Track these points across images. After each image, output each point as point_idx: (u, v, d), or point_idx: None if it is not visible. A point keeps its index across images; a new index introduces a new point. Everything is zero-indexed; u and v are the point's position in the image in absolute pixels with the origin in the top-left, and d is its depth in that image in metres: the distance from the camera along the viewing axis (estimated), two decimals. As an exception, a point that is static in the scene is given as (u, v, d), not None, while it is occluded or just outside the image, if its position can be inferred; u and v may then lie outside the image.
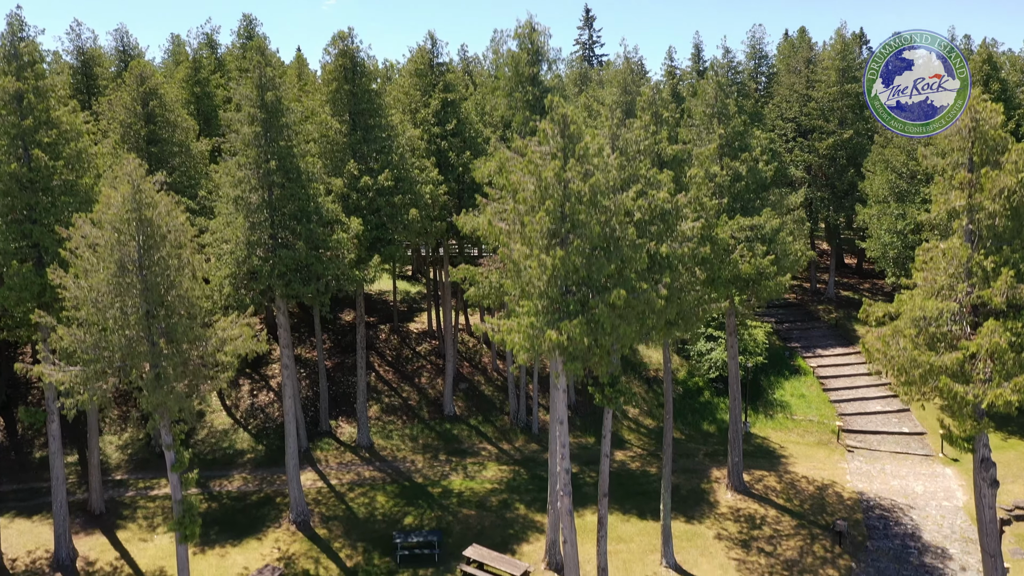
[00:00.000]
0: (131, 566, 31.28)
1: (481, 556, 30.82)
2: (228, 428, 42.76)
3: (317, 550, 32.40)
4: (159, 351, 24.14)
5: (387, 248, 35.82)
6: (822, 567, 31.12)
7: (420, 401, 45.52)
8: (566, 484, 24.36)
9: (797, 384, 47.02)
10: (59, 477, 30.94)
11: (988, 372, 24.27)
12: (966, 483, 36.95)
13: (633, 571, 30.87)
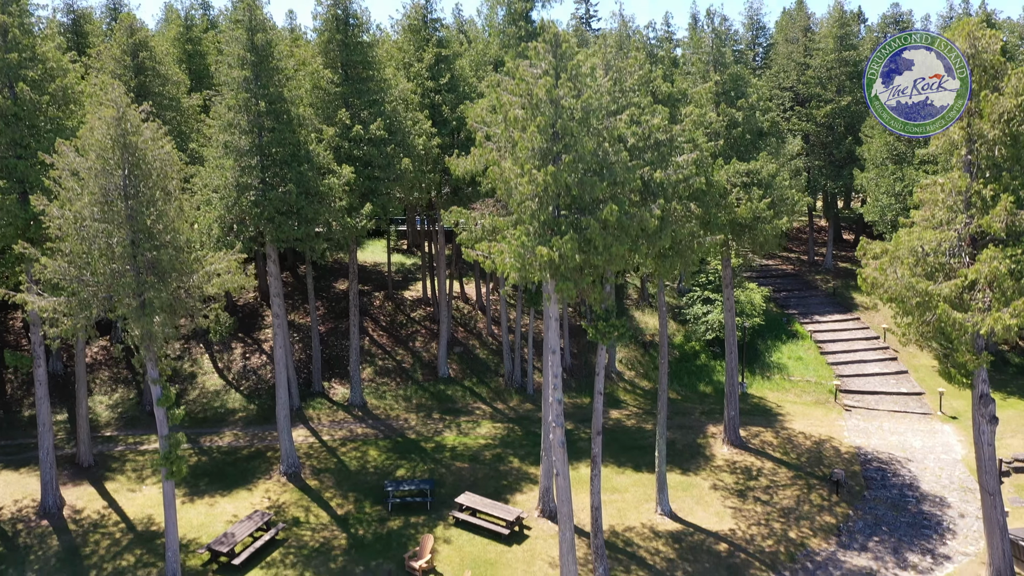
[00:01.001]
0: (119, 514, 30.82)
1: (473, 503, 30.40)
2: (220, 389, 42.30)
3: (308, 499, 31.97)
4: (144, 280, 23.72)
5: (379, 198, 35.38)
6: (819, 514, 30.72)
7: (414, 364, 45.09)
8: (558, 415, 23.93)
9: (794, 347, 46.63)
10: (46, 424, 30.49)
11: (987, 301, 23.89)
12: (965, 438, 36.57)
13: (628, 519, 30.45)
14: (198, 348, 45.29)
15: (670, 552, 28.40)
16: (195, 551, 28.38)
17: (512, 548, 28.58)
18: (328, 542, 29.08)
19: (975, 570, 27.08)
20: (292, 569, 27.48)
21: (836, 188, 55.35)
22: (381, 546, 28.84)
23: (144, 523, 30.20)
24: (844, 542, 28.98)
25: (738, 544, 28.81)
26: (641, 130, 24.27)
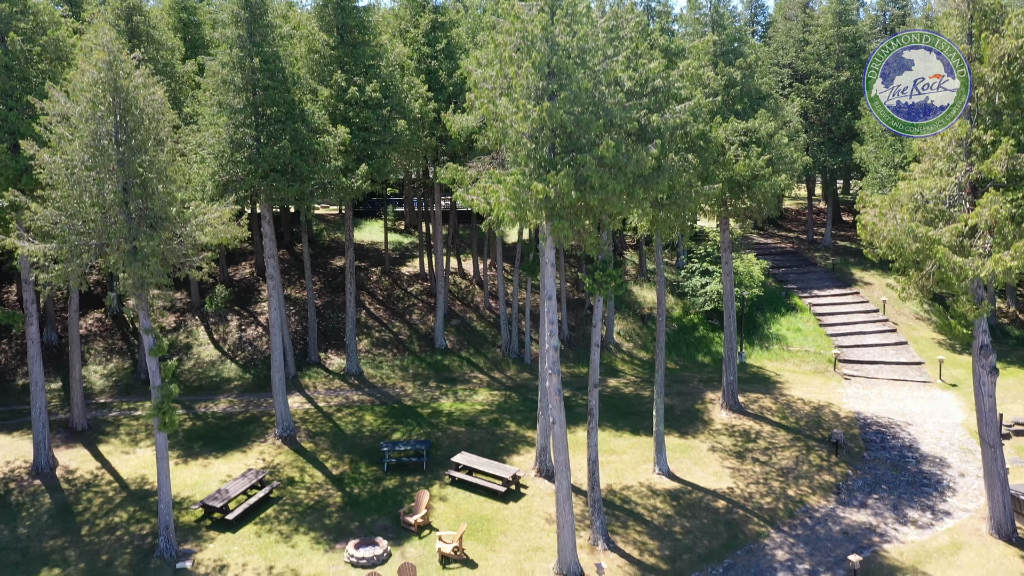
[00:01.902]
0: (112, 474, 30.56)
1: (470, 462, 30.15)
2: (215, 359, 42.03)
3: (303, 460, 31.71)
4: (136, 227, 23.46)
5: (375, 161, 35.09)
6: (818, 473, 30.48)
7: (411, 335, 44.82)
8: (555, 362, 23.67)
9: (793, 319, 46.38)
10: (38, 383, 30.20)
11: (988, 247, 23.66)
12: (964, 404, 36.33)
13: (625, 478, 30.20)
14: (194, 320, 45.02)
15: (668, 509, 28.15)
16: (188, 508, 28.12)
17: (508, 505, 28.33)
18: (323, 500, 28.82)
19: (975, 524, 26.85)
20: (287, 525, 27.22)
21: (835, 164, 55.08)
22: (376, 503, 28.59)
23: (138, 482, 29.94)
24: (843, 499, 28.74)
25: (736, 501, 28.57)
26: (638, 75, 24.01)
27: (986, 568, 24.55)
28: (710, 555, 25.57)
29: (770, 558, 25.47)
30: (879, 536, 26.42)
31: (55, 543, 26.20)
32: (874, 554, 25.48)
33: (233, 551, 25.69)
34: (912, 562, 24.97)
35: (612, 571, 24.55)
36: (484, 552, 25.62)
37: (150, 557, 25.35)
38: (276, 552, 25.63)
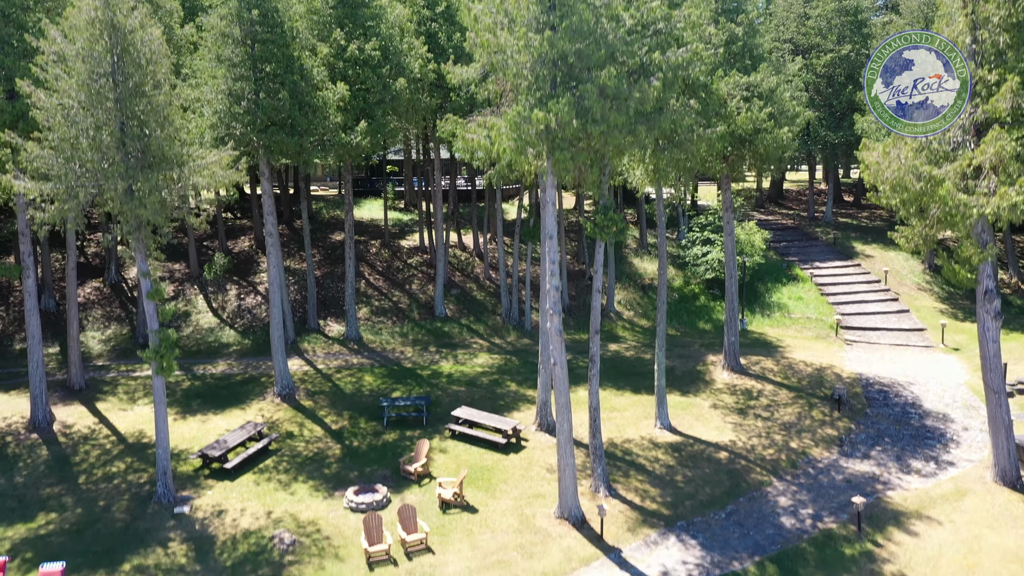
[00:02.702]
0: (109, 429, 30.35)
1: (470, 415, 29.96)
2: (214, 326, 41.85)
3: (302, 416, 31.50)
4: (133, 166, 23.25)
5: (374, 121, 34.86)
6: (820, 428, 30.29)
7: (410, 304, 44.63)
8: (555, 303, 23.46)
9: (794, 289, 46.17)
10: (35, 337, 29.97)
11: (992, 187, 23.45)
12: (968, 366, 36.13)
13: (626, 433, 30.00)
14: (192, 289, 44.82)
15: (669, 460, 27.95)
16: (186, 459, 27.93)
17: (509, 457, 28.12)
18: (322, 452, 28.62)
19: (980, 473, 26.64)
20: (285, 474, 27.01)
21: (836, 139, 54.84)
22: (376, 455, 28.39)
23: (135, 436, 29.73)
24: (846, 451, 28.54)
25: (738, 453, 28.37)
26: (640, 14, 23.78)
27: (991, 512, 24.35)
28: (712, 502, 25.37)
29: (773, 504, 25.28)
30: (882, 484, 26.22)
31: (52, 491, 26.00)
32: (878, 500, 25.29)
33: (231, 497, 25.48)
34: (916, 507, 24.77)
35: (614, 516, 24.34)
36: (484, 498, 25.42)
37: (148, 503, 25.14)
38: (275, 499, 25.43)
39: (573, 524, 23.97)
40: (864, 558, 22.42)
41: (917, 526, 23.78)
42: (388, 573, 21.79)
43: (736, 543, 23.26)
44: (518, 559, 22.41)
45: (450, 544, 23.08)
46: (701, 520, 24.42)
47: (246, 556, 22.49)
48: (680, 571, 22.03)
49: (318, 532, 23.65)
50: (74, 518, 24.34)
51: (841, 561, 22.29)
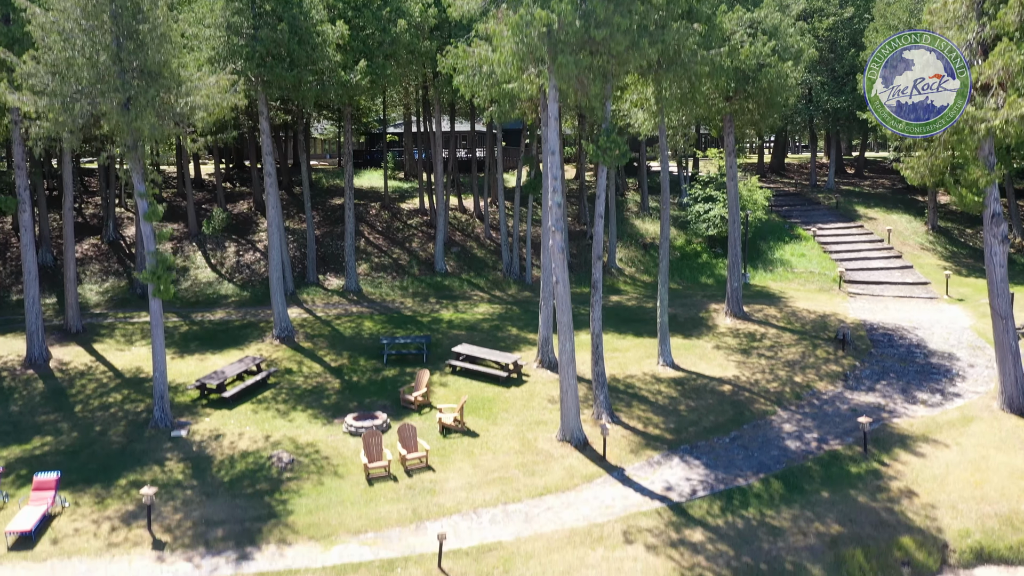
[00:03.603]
0: (106, 366, 30.04)
1: (471, 351, 29.66)
2: (212, 280, 41.54)
3: (301, 356, 31.19)
4: (129, 79, 22.91)
5: (373, 64, 34.51)
6: (824, 364, 29.98)
7: (410, 261, 44.32)
8: (558, 220, 23.14)
9: (797, 247, 45.86)
10: (31, 272, 29.65)
11: (1000, 103, 23.14)
12: (973, 313, 35.79)
13: (629, 370, 29.68)
14: (191, 247, 44.53)
15: (672, 392, 27.65)
16: (184, 391, 27.62)
17: (510, 390, 27.82)
18: (321, 385, 28.32)
19: (986, 403, 26.33)
20: (284, 404, 26.71)
21: (839, 103, 54.49)
22: (376, 389, 28.08)
23: (132, 372, 29.42)
24: (851, 385, 28.24)
25: (742, 386, 28.07)
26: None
27: (998, 436, 24.05)
28: (716, 428, 25.06)
29: (777, 430, 24.97)
30: (888, 413, 25.92)
31: (47, 418, 25.70)
32: (883, 426, 24.98)
33: (229, 423, 25.18)
34: (922, 432, 24.47)
35: (616, 440, 24.03)
36: (485, 425, 25.12)
37: (144, 428, 24.84)
38: (273, 425, 25.12)
39: (575, 446, 23.66)
40: (870, 475, 22.12)
41: (923, 448, 23.48)
42: (388, 488, 21.49)
43: (740, 463, 22.97)
44: (519, 476, 22.10)
45: (451, 463, 22.78)
46: (705, 444, 24.13)
47: (244, 473, 22.19)
48: (684, 487, 21.73)
49: (317, 453, 23.35)
50: (69, 441, 24.04)
51: (847, 478, 21.98)
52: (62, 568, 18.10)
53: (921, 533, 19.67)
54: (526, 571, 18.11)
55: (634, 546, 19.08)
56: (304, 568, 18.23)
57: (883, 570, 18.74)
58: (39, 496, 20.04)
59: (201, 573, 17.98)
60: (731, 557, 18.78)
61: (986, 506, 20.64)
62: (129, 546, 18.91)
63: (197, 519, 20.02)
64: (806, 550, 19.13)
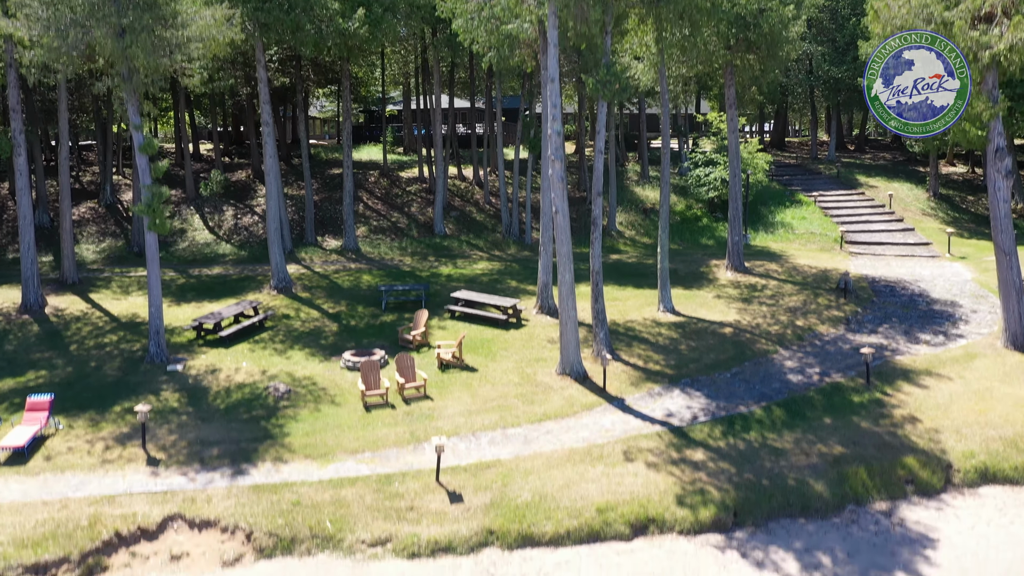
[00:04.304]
0: (102, 312, 29.81)
1: (470, 296, 29.43)
2: (210, 241, 41.32)
3: (298, 304, 30.96)
4: (124, 5, 22.66)
5: (372, 14, 34.22)
6: (826, 310, 29.74)
7: (409, 224, 44.08)
8: (557, 148, 22.91)
9: (798, 211, 45.62)
10: (27, 217, 29.39)
11: (1004, 31, 22.91)
12: (975, 269, 35.53)
13: (630, 316, 29.43)
14: (189, 210, 44.30)
15: (673, 334, 27.41)
16: (180, 332, 27.39)
17: (509, 332, 27.58)
18: (319, 328, 28.09)
19: (990, 342, 26.11)
20: (281, 344, 26.49)
21: (840, 73, 54.19)
22: (374, 332, 27.85)
23: (128, 317, 29.19)
24: (853, 328, 28.01)
25: (743, 329, 27.83)
26: None
27: (1002, 370, 23.82)
28: (716, 365, 24.83)
29: (779, 366, 24.75)
30: (891, 352, 25.69)
31: (42, 355, 25.48)
32: (886, 362, 24.76)
33: (226, 360, 24.95)
34: (925, 367, 24.24)
35: (616, 374, 23.80)
36: (484, 362, 24.89)
37: (140, 364, 24.61)
38: (270, 361, 24.90)
39: (575, 379, 23.44)
40: (873, 404, 21.90)
41: (927, 381, 23.25)
42: (385, 414, 21.27)
43: (742, 394, 22.75)
44: (518, 404, 21.88)
45: (449, 393, 22.55)
46: (706, 378, 23.90)
47: (239, 401, 21.96)
48: (685, 413, 21.52)
49: (314, 384, 23.14)
50: (64, 374, 23.81)
51: (849, 407, 21.76)
52: (55, 481, 17.88)
53: (925, 454, 19.44)
54: (525, 485, 17.90)
55: (634, 464, 18.86)
56: (300, 481, 18.01)
57: (887, 487, 18.52)
58: (32, 417, 19.82)
59: (196, 486, 17.76)
60: (732, 474, 18.55)
61: (990, 430, 20.41)
62: (123, 463, 18.68)
63: (192, 440, 19.80)
64: (808, 468, 18.90)
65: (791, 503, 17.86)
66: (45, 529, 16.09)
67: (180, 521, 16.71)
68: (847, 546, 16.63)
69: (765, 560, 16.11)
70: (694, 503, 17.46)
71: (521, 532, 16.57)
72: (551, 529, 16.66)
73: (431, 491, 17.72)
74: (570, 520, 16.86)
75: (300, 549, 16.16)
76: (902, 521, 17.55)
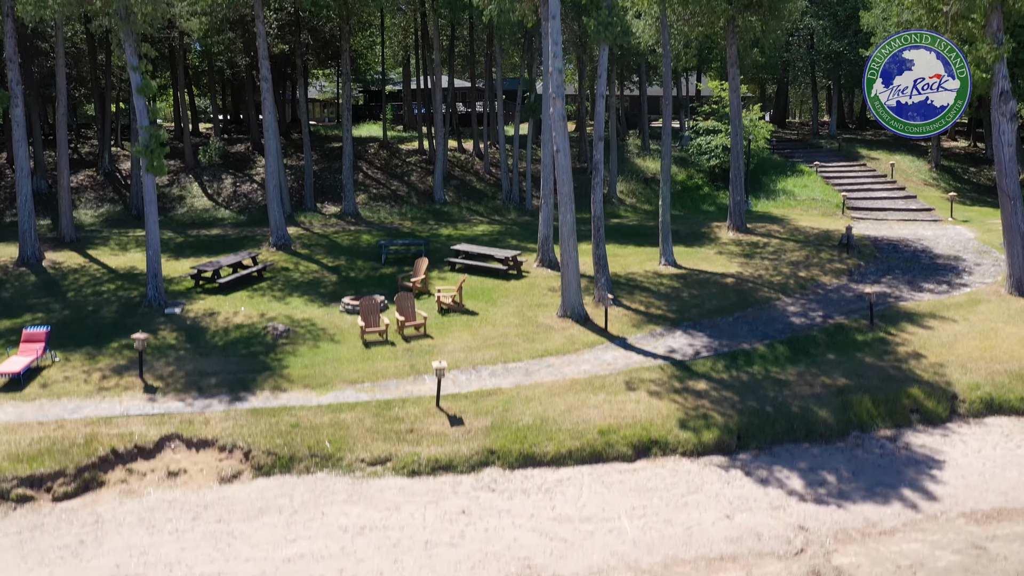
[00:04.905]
0: (100, 265, 29.60)
1: (470, 249, 29.23)
2: (209, 207, 41.08)
3: (297, 259, 30.74)
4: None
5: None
6: (829, 263, 29.55)
7: (409, 192, 43.86)
8: (558, 86, 22.68)
9: (799, 179, 45.40)
10: (23, 168, 29.13)
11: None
12: (978, 230, 35.32)
13: (631, 269, 29.22)
14: (188, 178, 44.06)
15: (675, 284, 27.22)
16: (179, 281, 27.19)
17: (510, 282, 27.38)
18: (318, 279, 27.90)
19: (995, 289, 25.91)
20: (280, 291, 26.29)
21: (841, 47, 53.95)
22: (373, 283, 27.64)
23: (127, 270, 28.98)
24: (856, 279, 27.82)
25: (745, 279, 27.64)
26: None
27: (1007, 313, 23.63)
28: (719, 310, 24.63)
29: (782, 311, 24.56)
30: (894, 299, 25.49)
31: (39, 301, 25.28)
32: (890, 307, 24.57)
33: (224, 305, 24.75)
34: (929, 310, 24.06)
35: (618, 317, 23.60)
36: (485, 307, 24.69)
37: (138, 308, 24.41)
38: (269, 306, 24.70)
39: (576, 320, 23.25)
40: (877, 342, 21.72)
41: (931, 323, 23.07)
42: (385, 350, 21.08)
43: (744, 334, 22.57)
44: (519, 342, 21.70)
45: (449, 333, 22.37)
46: (708, 322, 23.71)
47: (238, 339, 21.78)
48: (687, 350, 21.34)
49: (313, 325, 22.95)
50: (61, 317, 23.61)
51: (853, 345, 21.58)
52: (51, 406, 17.69)
53: (930, 386, 19.26)
54: (526, 410, 17.71)
55: (636, 392, 18.67)
56: (299, 406, 17.82)
57: (891, 416, 18.34)
58: (28, 347, 19.64)
59: (193, 409, 17.57)
60: (735, 401, 18.37)
61: (996, 365, 20.24)
62: (120, 390, 18.49)
63: (190, 371, 19.61)
64: (812, 397, 18.73)
65: (795, 428, 17.68)
66: (41, 446, 15.91)
67: (177, 441, 16.53)
68: (852, 467, 16.45)
69: (769, 477, 15.94)
70: (697, 427, 17.28)
71: (522, 452, 16.39)
72: (552, 449, 16.48)
73: (431, 415, 17.54)
74: (572, 441, 16.69)
75: (299, 467, 15.98)
76: (907, 445, 17.38)
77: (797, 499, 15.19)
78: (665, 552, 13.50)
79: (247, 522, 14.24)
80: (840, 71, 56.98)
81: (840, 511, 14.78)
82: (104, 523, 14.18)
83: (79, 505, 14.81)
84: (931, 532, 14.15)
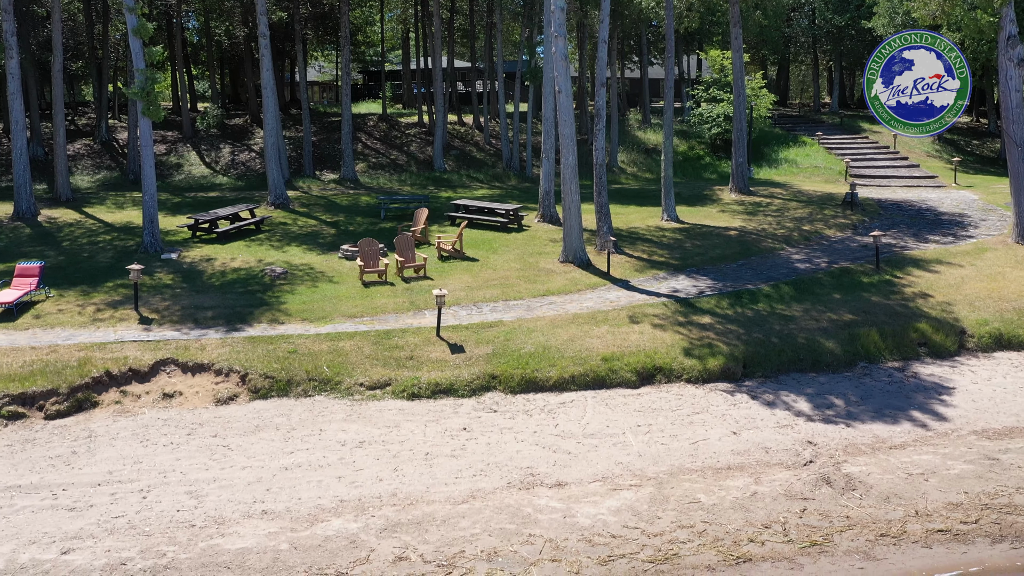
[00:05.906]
0: (95, 220, 29.28)
1: (470, 203, 28.92)
2: (207, 174, 40.74)
3: (294, 216, 30.44)
4: None
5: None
6: (833, 219, 29.27)
7: (409, 161, 43.53)
8: (560, 25, 22.34)
9: (802, 149, 45.10)
10: (19, 122, 28.76)
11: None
12: (982, 194, 35.00)
13: (633, 224, 28.92)
14: (185, 147, 43.73)
15: (678, 236, 26.94)
16: (176, 234, 26.87)
17: (511, 234, 27.09)
18: (317, 232, 27.60)
19: (1001, 240, 25.62)
20: (278, 242, 26.00)
21: (843, 22, 53.63)
22: (373, 235, 27.27)
23: (123, 224, 28.66)
24: (860, 232, 27.52)
25: (749, 232, 27.35)
26: None
27: (1013, 259, 23.35)
28: (722, 258, 24.33)
29: (786, 258, 24.28)
30: (899, 248, 25.20)
31: (34, 249, 24.94)
32: (895, 254, 24.29)
33: (221, 252, 24.44)
34: (936, 256, 23.78)
35: (621, 264, 23.30)
36: (486, 255, 24.39)
37: (134, 254, 24.09)
38: (267, 254, 24.39)
39: (578, 265, 22.96)
40: (883, 284, 21.43)
41: (937, 268, 22.79)
42: (384, 289, 20.78)
43: (749, 277, 22.28)
44: (521, 283, 21.41)
45: (449, 275, 22.06)
46: (712, 267, 23.43)
47: (235, 280, 21.48)
48: (691, 291, 21.05)
49: (311, 269, 22.66)
50: (56, 262, 23.28)
51: (860, 286, 21.30)
52: (44, 334, 17.39)
53: (938, 321, 18.97)
54: (528, 340, 17.41)
55: (640, 325, 18.37)
56: (297, 335, 17.53)
57: (899, 348, 18.05)
58: (21, 281, 19.36)
59: (189, 338, 17.26)
60: (741, 333, 18.09)
61: (1004, 303, 19.97)
62: (115, 322, 18.19)
63: (186, 305, 19.31)
64: (819, 330, 18.44)
65: (801, 359, 17.41)
66: (34, 368, 15.60)
67: (173, 365, 16.23)
68: (860, 392, 16.17)
69: (776, 401, 15.65)
70: (702, 355, 16.99)
71: (524, 377, 16.09)
72: (555, 374, 16.18)
73: (432, 344, 17.24)
74: (575, 367, 16.39)
75: (296, 391, 15.68)
76: (916, 375, 17.10)
77: (805, 419, 14.91)
78: (671, 463, 13.21)
79: (243, 437, 13.95)
80: (841, 46, 56.70)
81: (849, 429, 14.49)
82: (97, 437, 13.88)
83: (72, 423, 14.51)
84: (942, 447, 13.87)
